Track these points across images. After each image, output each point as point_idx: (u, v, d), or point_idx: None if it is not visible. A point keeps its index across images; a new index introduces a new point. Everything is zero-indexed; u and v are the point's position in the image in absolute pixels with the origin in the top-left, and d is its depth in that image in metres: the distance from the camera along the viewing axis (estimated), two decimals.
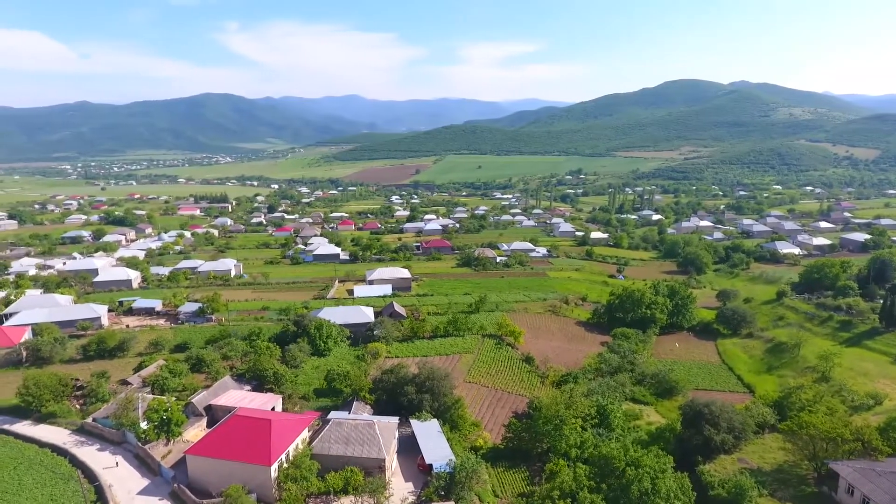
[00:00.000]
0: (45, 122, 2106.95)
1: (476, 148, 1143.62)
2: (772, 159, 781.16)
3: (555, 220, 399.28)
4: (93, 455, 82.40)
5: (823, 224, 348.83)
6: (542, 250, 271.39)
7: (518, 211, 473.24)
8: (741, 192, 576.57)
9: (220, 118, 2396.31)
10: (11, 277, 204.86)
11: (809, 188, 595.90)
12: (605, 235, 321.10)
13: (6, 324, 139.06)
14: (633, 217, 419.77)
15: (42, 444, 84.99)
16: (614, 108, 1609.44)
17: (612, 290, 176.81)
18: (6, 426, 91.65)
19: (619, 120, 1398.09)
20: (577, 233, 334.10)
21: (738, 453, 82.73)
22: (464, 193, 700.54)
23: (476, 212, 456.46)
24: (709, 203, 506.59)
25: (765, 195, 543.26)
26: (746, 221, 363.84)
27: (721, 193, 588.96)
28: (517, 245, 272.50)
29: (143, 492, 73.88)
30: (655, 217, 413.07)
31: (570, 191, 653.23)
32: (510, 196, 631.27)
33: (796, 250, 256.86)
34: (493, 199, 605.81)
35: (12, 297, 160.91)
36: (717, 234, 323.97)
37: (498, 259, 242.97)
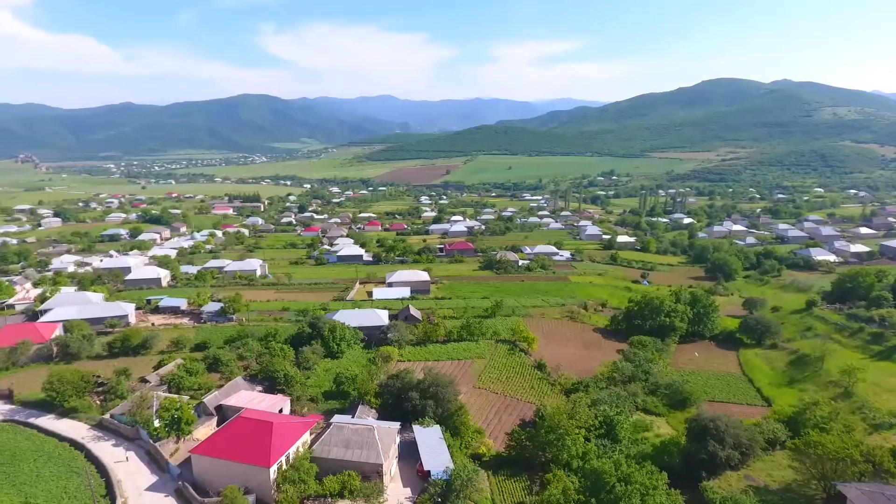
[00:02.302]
0: (92, 122, 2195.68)
1: (507, 148, 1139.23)
2: (814, 161, 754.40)
3: (582, 222, 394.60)
4: (107, 450, 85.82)
5: (864, 230, 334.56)
6: (566, 254, 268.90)
7: (546, 213, 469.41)
8: (780, 195, 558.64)
9: (257, 118, 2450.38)
10: (50, 274, 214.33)
11: (853, 191, 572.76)
12: (632, 239, 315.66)
13: (40, 320, 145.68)
14: (664, 220, 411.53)
15: (62, 438, 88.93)
16: (649, 108, 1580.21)
17: (635, 295, 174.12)
18: (31, 419, 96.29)
19: (654, 120, 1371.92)
20: (603, 236, 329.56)
21: (746, 470, 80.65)
22: (493, 194, 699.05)
23: (503, 213, 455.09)
24: (744, 206, 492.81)
25: (804, 198, 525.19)
26: (782, 226, 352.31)
27: (758, 196, 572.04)
28: (540, 248, 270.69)
29: (151, 488, 76.65)
30: (687, 220, 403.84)
31: (601, 192, 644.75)
32: (539, 198, 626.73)
33: (832, 257, 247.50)
34: (523, 201, 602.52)
35: (48, 294, 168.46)
36: (750, 240, 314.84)
37: (520, 262, 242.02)
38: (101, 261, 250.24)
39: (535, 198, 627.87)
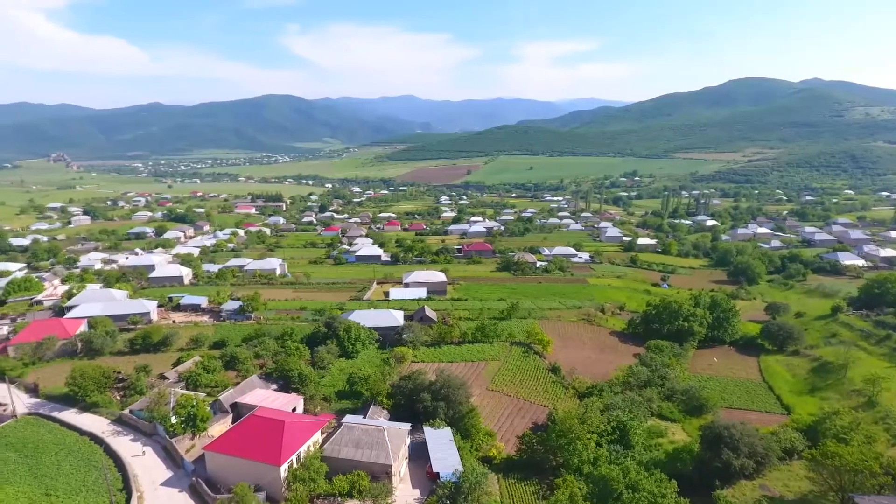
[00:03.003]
0: (121, 122, 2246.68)
1: (528, 148, 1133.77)
2: (844, 162, 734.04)
3: (603, 224, 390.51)
4: (125, 445, 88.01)
5: None
6: (585, 256, 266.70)
7: (566, 214, 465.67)
8: (808, 197, 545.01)
9: (280, 118, 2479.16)
10: (77, 271, 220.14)
11: (885, 194, 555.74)
12: (653, 241, 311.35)
13: (66, 316, 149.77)
14: (687, 222, 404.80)
15: (82, 433, 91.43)
16: (674, 108, 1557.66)
17: (654, 299, 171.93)
18: (55, 413, 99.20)
19: (679, 120, 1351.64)
20: (624, 238, 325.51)
21: (761, 479, 79.11)
22: (513, 195, 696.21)
23: (523, 214, 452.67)
24: (771, 208, 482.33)
25: (833, 201, 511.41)
26: (809, 229, 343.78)
27: (785, 198, 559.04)
28: (559, 250, 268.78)
29: (166, 483, 78.34)
30: (710, 223, 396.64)
31: (623, 193, 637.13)
32: (560, 198, 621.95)
33: (860, 262, 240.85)
34: (543, 202, 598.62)
35: (74, 291, 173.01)
36: (775, 243, 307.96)
37: (538, 264, 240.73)
38: (127, 258, 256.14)
39: (555, 198, 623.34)
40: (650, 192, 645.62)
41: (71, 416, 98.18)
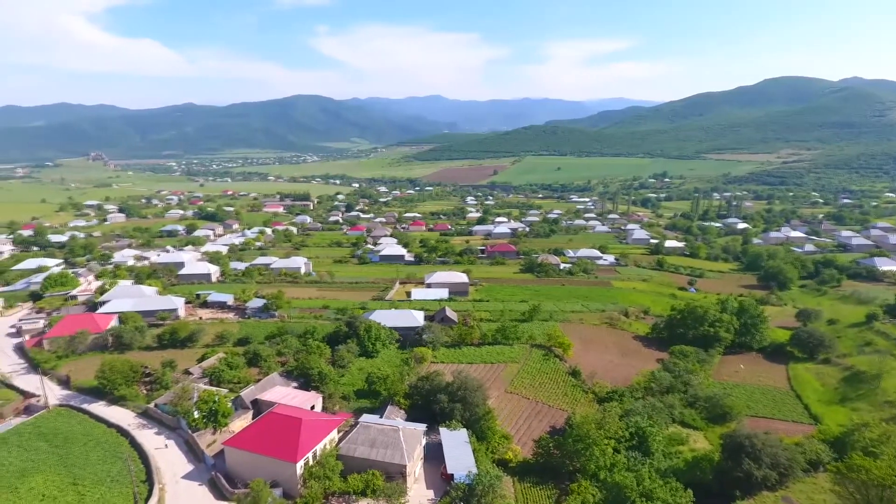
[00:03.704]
0: (156, 122, 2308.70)
1: (556, 149, 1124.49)
2: (886, 164, 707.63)
3: (630, 226, 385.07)
4: (150, 438, 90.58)
5: None
6: (610, 258, 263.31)
7: (593, 215, 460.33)
8: (845, 200, 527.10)
9: (309, 119, 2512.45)
10: (111, 267, 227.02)
11: None
12: (681, 244, 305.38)
13: (98, 311, 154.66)
14: (717, 225, 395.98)
15: (110, 425, 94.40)
16: (706, 108, 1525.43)
17: (680, 303, 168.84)
18: (84, 405, 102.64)
19: (711, 120, 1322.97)
20: (651, 240, 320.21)
21: (784, 491, 76.99)
22: (540, 195, 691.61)
23: (549, 215, 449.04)
24: (806, 211, 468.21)
25: (873, 204, 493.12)
26: (845, 233, 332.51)
27: (821, 201, 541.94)
28: (583, 252, 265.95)
29: (187, 476, 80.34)
30: (741, 225, 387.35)
31: (652, 195, 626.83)
32: (587, 199, 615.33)
33: None
34: (570, 202, 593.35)
35: (107, 287, 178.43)
36: (809, 247, 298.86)
37: (562, 266, 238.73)
38: (158, 255, 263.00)
39: (582, 199, 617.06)
40: (680, 193, 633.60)
41: (99, 408, 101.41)
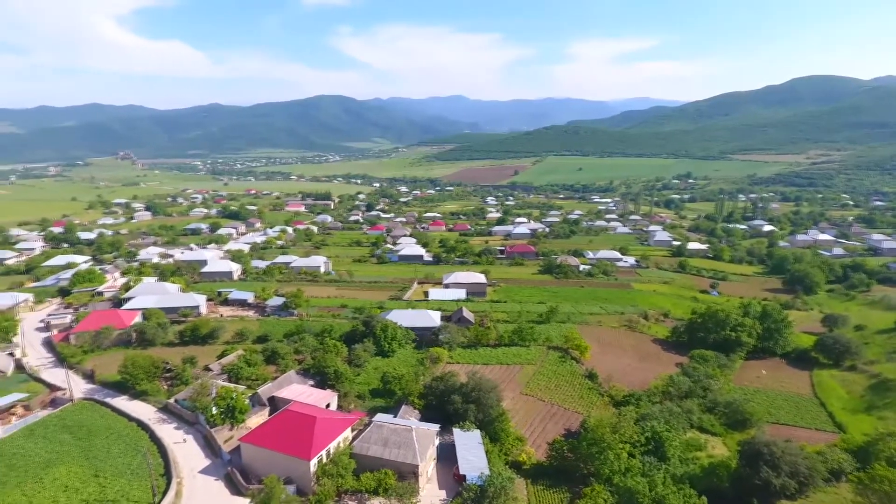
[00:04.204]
0: (183, 122, 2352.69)
1: (578, 149, 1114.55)
2: None
3: (652, 227, 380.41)
4: (169, 433, 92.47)
5: None
6: (631, 260, 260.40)
7: (614, 216, 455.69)
8: (877, 202, 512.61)
9: (331, 119, 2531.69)
10: (136, 264, 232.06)
11: None
12: (704, 246, 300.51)
13: (123, 307, 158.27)
14: (742, 227, 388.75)
15: (131, 419, 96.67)
16: (732, 108, 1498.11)
17: (700, 306, 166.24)
18: (107, 399, 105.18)
19: (737, 120, 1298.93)
20: (674, 242, 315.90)
21: (803, 501, 75.19)
22: (561, 196, 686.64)
23: (569, 216, 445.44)
24: (835, 214, 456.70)
25: None
26: (876, 237, 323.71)
27: (852, 203, 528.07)
28: (603, 254, 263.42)
29: (204, 471, 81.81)
30: (767, 228, 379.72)
31: (676, 196, 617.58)
32: (609, 200, 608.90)
33: None
34: (591, 203, 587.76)
35: (131, 283, 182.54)
36: (837, 250, 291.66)
37: (581, 267, 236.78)
38: (182, 253, 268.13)
39: (604, 200, 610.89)
40: (704, 194, 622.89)
41: (122, 402, 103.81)
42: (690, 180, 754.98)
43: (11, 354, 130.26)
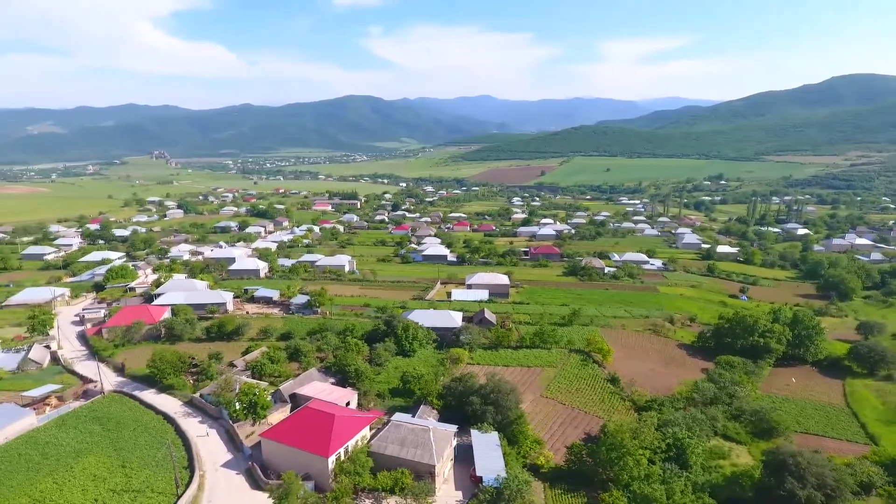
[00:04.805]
0: (215, 122, 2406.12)
1: (606, 149, 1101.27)
2: None
3: (680, 230, 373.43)
4: (193, 426, 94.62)
5: None
6: (658, 263, 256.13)
7: (642, 218, 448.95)
8: None
9: (360, 119, 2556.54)
10: (167, 261, 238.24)
11: None
12: (734, 250, 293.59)
13: (153, 303, 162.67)
14: (775, 230, 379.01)
15: (157, 412, 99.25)
16: (767, 108, 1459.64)
17: (728, 311, 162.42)
18: (136, 392, 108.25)
19: (773, 120, 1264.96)
20: (703, 245, 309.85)
21: None
22: (588, 197, 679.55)
23: (596, 217, 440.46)
24: (874, 217, 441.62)
25: None
26: None
27: (893, 206, 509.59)
28: (629, 256, 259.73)
29: (226, 465, 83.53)
30: (801, 231, 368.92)
31: (706, 198, 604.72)
32: (637, 202, 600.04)
33: None
34: (619, 205, 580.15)
35: (162, 280, 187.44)
36: (876, 255, 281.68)
37: (606, 270, 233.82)
38: (212, 251, 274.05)
39: (632, 202, 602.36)
40: (737, 196, 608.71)
41: (149, 395, 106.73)
42: (722, 182, 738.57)
43: (48, 347, 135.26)
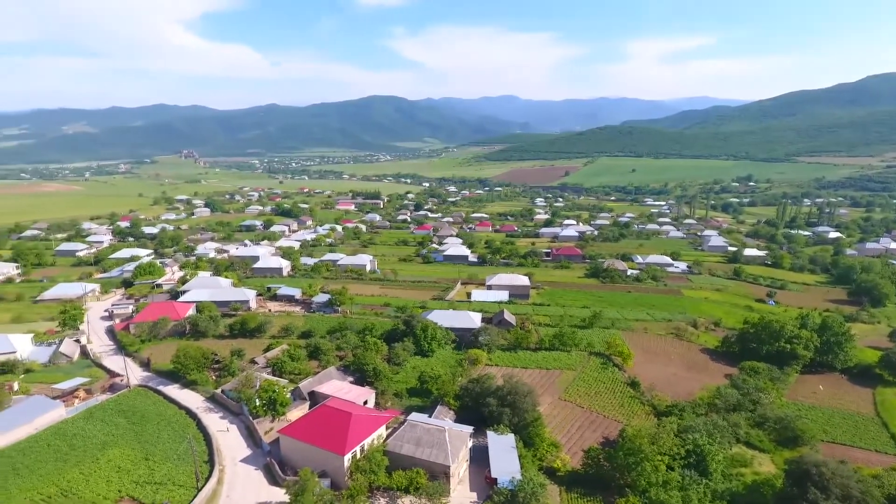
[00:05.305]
0: (242, 122, 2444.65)
1: (632, 150, 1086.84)
2: None
3: (707, 232, 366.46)
4: (214, 421, 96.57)
5: None
6: (682, 266, 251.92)
7: (667, 220, 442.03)
8: None
9: (384, 119, 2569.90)
10: (193, 259, 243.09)
11: None
12: (762, 253, 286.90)
13: (179, 300, 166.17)
14: (805, 233, 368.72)
15: (180, 407, 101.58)
16: (799, 107, 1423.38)
17: (754, 316, 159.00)
18: (160, 387, 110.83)
19: (805, 120, 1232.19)
20: (729, 248, 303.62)
21: None
22: (612, 198, 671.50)
23: (620, 219, 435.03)
24: None
25: None
26: None
27: None
28: (653, 258, 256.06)
29: (245, 460, 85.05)
30: (833, 235, 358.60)
31: (734, 199, 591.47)
32: (663, 203, 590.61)
33: None
34: (643, 206, 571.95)
35: (187, 277, 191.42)
36: None
37: (629, 272, 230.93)
38: (237, 249, 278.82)
39: (657, 203, 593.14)
40: (766, 198, 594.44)
41: (173, 390, 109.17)
42: (751, 183, 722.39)
43: (77, 341, 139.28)
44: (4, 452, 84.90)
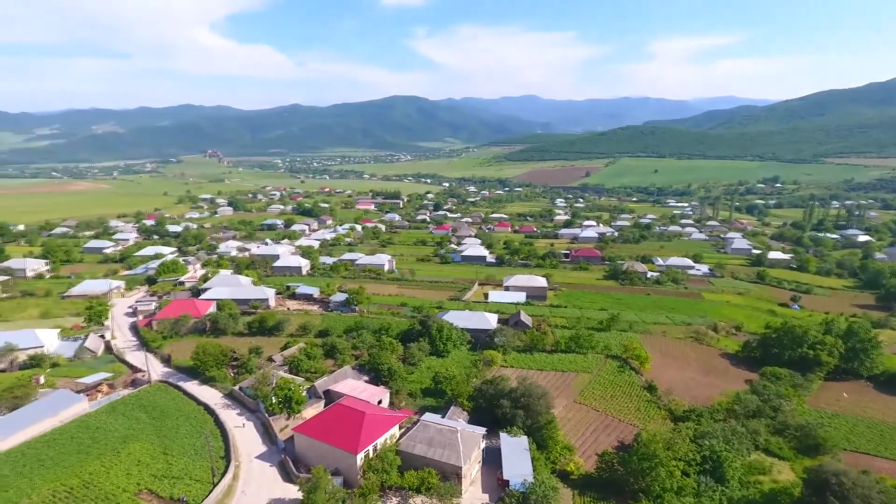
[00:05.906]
0: (265, 122, 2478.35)
1: (654, 150, 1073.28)
2: None
3: (730, 234, 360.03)
4: (232, 418, 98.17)
5: None
6: (704, 268, 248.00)
7: (690, 222, 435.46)
8: None
9: (405, 119, 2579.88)
10: (215, 257, 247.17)
11: None
12: (787, 256, 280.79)
13: (200, 297, 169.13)
14: (833, 236, 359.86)
15: (199, 403, 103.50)
16: (828, 107, 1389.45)
17: (776, 320, 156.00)
18: (180, 383, 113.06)
19: (834, 120, 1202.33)
20: (753, 250, 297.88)
21: None
22: (634, 199, 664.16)
23: (641, 220, 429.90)
24: None
25: None
26: None
27: None
28: (674, 261, 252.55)
29: (260, 457, 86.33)
30: (862, 238, 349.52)
31: (760, 201, 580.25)
32: (685, 205, 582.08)
33: None
34: (666, 207, 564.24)
35: (209, 275, 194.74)
36: None
37: (649, 274, 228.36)
38: (258, 248, 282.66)
39: (680, 204, 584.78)
40: (793, 200, 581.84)
41: (192, 386, 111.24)
42: (778, 184, 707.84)
43: (102, 336, 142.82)
44: (31, 444, 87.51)
